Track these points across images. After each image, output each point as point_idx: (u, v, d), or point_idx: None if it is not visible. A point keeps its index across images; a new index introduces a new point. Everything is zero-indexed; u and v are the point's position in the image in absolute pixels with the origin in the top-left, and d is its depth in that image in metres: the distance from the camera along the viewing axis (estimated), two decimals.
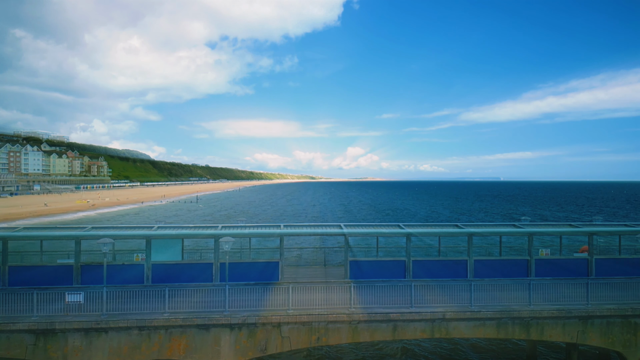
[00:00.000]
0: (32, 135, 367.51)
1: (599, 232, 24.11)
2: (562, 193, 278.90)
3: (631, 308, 19.11)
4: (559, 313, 18.85)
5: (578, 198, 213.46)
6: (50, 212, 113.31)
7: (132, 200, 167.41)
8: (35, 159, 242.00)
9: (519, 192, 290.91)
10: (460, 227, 24.32)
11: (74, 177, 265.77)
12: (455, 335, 18.99)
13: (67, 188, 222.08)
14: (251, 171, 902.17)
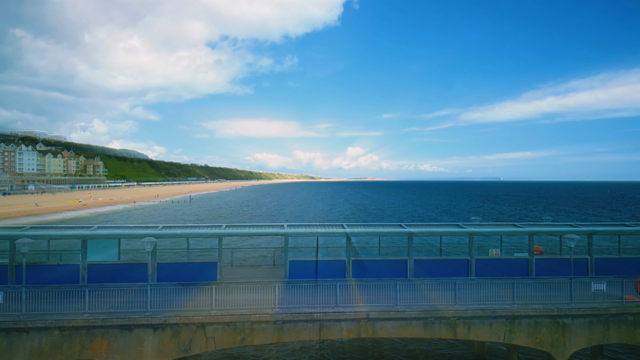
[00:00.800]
0: (29, 135, 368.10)
1: (538, 232, 24.27)
2: (554, 193, 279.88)
3: (557, 308, 19.26)
4: (484, 312, 19.00)
5: (568, 198, 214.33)
6: (39, 212, 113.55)
7: (125, 200, 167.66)
8: (29, 158, 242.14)
9: (506, 192, 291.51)
10: (403, 227, 24.49)
11: (69, 177, 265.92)
12: (381, 335, 19.15)
13: (62, 188, 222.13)
14: (250, 171, 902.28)
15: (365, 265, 23.14)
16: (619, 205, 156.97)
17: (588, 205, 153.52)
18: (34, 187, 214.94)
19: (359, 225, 25.49)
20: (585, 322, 19.59)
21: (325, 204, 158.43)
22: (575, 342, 19.58)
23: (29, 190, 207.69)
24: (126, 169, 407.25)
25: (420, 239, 26.09)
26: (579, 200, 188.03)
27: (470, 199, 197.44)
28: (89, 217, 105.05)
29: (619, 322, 19.68)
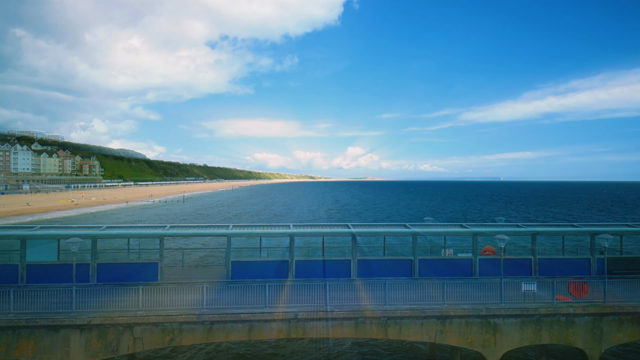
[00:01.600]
0: (26, 134, 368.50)
1: (480, 233, 24.42)
2: (542, 193, 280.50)
3: (486, 308, 19.39)
4: (413, 313, 19.14)
5: (553, 198, 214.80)
6: (30, 212, 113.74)
7: (118, 200, 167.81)
8: (25, 158, 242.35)
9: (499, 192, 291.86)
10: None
11: (64, 177, 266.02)
12: (312, 335, 19.28)
13: (57, 187, 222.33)
14: (249, 171, 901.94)
15: (313, 264, 23.44)
16: (606, 205, 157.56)
17: (577, 206, 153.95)
18: (29, 187, 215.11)
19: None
20: (517, 323, 19.73)
21: (312, 204, 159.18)
22: (506, 342, 19.71)
23: (24, 189, 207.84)
24: (123, 168, 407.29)
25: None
26: (569, 201, 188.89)
27: (452, 200, 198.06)
28: (64, 217, 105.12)
29: (551, 323, 19.81)
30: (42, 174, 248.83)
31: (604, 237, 20.80)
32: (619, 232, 26.18)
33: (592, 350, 19.91)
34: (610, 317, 19.97)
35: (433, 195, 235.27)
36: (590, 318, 19.92)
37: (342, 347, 24.31)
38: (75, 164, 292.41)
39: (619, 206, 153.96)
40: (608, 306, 19.69)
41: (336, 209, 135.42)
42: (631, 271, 23.87)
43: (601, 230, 23.21)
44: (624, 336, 20.11)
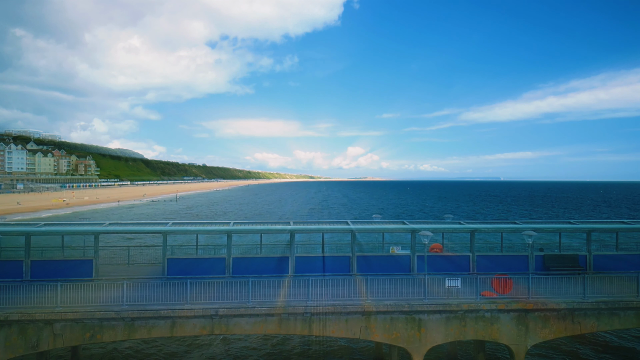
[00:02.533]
0: (23, 134, 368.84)
1: (417, 230, 24.53)
2: (530, 193, 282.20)
3: (408, 304, 19.47)
4: (335, 309, 19.22)
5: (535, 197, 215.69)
6: (19, 211, 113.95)
7: (111, 199, 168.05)
8: (19, 157, 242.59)
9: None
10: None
11: (60, 176, 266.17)
12: (236, 331, 19.38)
13: (51, 187, 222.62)
14: (248, 170, 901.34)
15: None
16: (577, 204, 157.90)
17: (560, 206, 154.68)
18: (23, 186, 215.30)
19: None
20: (442, 319, 19.81)
21: (298, 204, 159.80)
22: (431, 338, 19.79)
23: (18, 189, 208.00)
24: (121, 168, 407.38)
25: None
26: (553, 200, 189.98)
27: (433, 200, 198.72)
28: (71, 215, 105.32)
29: (476, 319, 19.90)
30: (36, 174, 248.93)
31: (528, 233, 20.89)
32: (614, 230, 26.26)
33: (518, 346, 20.00)
34: (536, 313, 20.06)
35: (420, 195, 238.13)
36: (515, 314, 20.00)
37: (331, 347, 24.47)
38: (71, 163, 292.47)
39: (592, 204, 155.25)
40: (531, 302, 19.79)
41: (319, 208, 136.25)
42: (569, 268, 23.97)
43: (527, 227, 23.26)
44: (549, 332, 20.19)
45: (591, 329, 20.39)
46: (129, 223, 26.94)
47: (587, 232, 24.83)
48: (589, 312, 20.21)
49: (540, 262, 24.55)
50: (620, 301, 19.98)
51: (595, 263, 24.65)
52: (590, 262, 24.60)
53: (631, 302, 20.00)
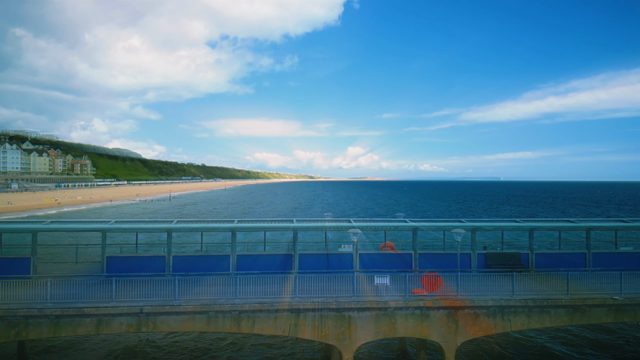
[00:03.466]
0: (21, 133, 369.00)
1: (365, 228, 24.61)
2: (517, 192, 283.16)
3: (336, 301, 19.48)
4: (262, 307, 19.22)
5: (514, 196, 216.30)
6: (8, 210, 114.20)
7: (104, 199, 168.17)
8: (14, 157, 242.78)
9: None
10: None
11: (55, 176, 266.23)
12: (164, 329, 19.39)
13: (46, 186, 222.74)
14: (248, 170, 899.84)
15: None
16: (549, 202, 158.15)
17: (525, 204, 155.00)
18: (18, 186, 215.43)
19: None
20: (372, 316, 19.83)
21: (283, 203, 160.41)
22: (361, 335, 19.81)
23: (12, 188, 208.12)
24: (118, 168, 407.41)
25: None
26: (534, 199, 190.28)
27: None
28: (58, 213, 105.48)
29: (406, 316, 19.93)
30: (31, 173, 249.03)
31: (457, 231, 20.91)
32: (557, 228, 26.29)
33: (448, 343, 20.02)
34: (466, 311, 20.09)
35: (408, 194, 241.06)
36: (445, 312, 20.03)
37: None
38: (67, 163, 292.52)
39: (570, 204, 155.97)
40: (459, 300, 19.81)
41: (302, 207, 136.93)
42: (510, 266, 23.97)
43: (461, 225, 23.27)
44: (479, 330, 20.23)
45: (521, 326, 20.42)
46: (75, 221, 27.01)
47: (529, 231, 24.86)
48: (519, 310, 20.24)
49: (483, 260, 24.57)
50: (549, 299, 20.01)
51: (538, 261, 24.65)
52: (532, 261, 24.61)
53: (560, 300, 20.02)
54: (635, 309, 20.35)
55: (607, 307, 20.27)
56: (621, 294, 20.23)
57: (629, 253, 25.26)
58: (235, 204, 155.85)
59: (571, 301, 20.02)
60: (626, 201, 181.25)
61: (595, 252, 24.88)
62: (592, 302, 20.03)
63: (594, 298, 20.05)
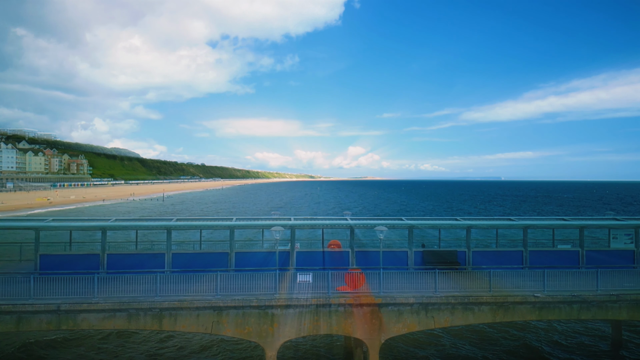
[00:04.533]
0: (18, 133, 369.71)
1: (299, 226, 24.70)
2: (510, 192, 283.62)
3: (257, 299, 19.52)
4: (181, 304, 19.20)
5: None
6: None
7: (98, 198, 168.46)
8: (9, 156, 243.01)
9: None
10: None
11: (51, 175, 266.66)
12: (84, 326, 19.36)
13: (42, 186, 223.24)
14: (247, 170, 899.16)
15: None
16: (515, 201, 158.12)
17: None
18: (13, 185, 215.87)
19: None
20: (295, 313, 19.84)
21: (270, 203, 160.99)
22: (284, 332, 19.81)
23: (7, 188, 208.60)
24: (115, 167, 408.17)
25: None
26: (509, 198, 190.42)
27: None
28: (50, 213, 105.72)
29: (329, 313, 19.94)
30: (27, 173, 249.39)
31: (380, 229, 20.94)
32: (494, 226, 26.49)
33: (372, 340, 20.02)
34: (389, 308, 20.11)
35: (399, 193, 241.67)
36: (369, 309, 20.03)
37: None
38: (63, 162, 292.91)
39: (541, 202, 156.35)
40: (380, 297, 19.84)
41: (287, 206, 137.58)
42: (447, 263, 23.98)
43: (381, 223, 23.27)
44: (403, 327, 20.25)
45: (445, 323, 20.44)
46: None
47: (466, 229, 24.88)
48: (443, 307, 20.26)
49: (420, 257, 24.60)
50: (470, 296, 20.03)
51: (475, 259, 24.67)
52: (469, 258, 24.63)
53: (482, 297, 20.05)
54: (560, 307, 20.36)
55: (531, 304, 20.27)
56: (544, 291, 20.25)
57: (566, 251, 25.28)
58: (217, 203, 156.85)
59: (493, 298, 20.04)
60: (618, 200, 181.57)
61: (532, 250, 24.90)
62: (513, 299, 20.05)
63: (515, 295, 20.07)
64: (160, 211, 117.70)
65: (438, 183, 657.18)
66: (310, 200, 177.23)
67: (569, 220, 26.02)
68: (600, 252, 25.16)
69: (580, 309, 20.39)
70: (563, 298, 20.10)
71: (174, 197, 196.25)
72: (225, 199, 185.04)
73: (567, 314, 20.46)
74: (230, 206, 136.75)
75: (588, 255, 24.92)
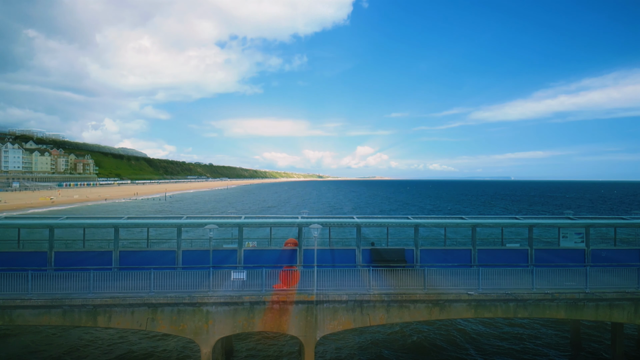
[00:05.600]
0: (26, 133, 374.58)
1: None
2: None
3: (189, 296, 19.56)
4: (114, 301, 19.37)
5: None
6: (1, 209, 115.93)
7: (101, 198, 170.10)
8: (15, 156, 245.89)
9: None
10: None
11: (57, 175, 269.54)
12: (19, 322, 19.50)
13: (47, 185, 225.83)
14: (255, 170, 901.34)
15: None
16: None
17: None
18: (19, 185, 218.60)
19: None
20: (229, 310, 19.90)
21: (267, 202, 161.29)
22: (219, 329, 19.88)
23: (13, 187, 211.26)
24: (122, 167, 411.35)
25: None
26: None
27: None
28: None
29: (264, 310, 19.97)
30: (33, 172, 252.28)
31: (314, 227, 20.95)
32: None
33: (307, 337, 20.00)
34: (324, 305, 20.09)
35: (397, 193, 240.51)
36: (304, 306, 20.04)
37: None
38: (69, 162, 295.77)
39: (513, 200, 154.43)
40: (313, 294, 19.83)
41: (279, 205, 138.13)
42: (394, 262, 23.91)
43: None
44: (338, 324, 20.20)
45: (381, 321, 20.36)
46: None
47: (414, 227, 24.78)
48: (378, 305, 20.19)
49: (368, 255, 24.56)
50: (404, 294, 19.96)
51: (423, 257, 24.57)
52: (417, 257, 24.54)
53: (415, 294, 19.97)
54: (496, 305, 20.21)
55: (466, 302, 20.14)
56: (479, 289, 20.12)
57: (515, 250, 25.08)
58: (212, 202, 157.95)
59: (426, 296, 19.96)
60: (622, 199, 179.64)
61: (481, 249, 24.75)
62: (447, 297, 19.94)
63: (448, 293, 19.96)
64: (157, 209, 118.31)
65: (445, 183, 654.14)
66: (311, 200, 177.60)
67: (519, 219, 25.80)
68: (549, 251, 24.95)
69: (517, 308, 20.22)
70: (497, 296, 19.95)
71: (177, 196, 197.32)
72: (223, 198, 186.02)
73: (503, 312, 20.31)
74: (224, 205, 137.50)
75: (537, 254, 24.70)
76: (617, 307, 20.21)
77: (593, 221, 25.31)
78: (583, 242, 24.85)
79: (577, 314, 20.32)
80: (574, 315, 20.38)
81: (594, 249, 25.14)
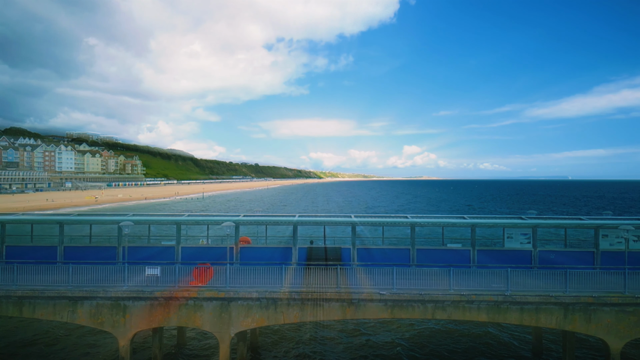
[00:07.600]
0: (82, 136, 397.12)
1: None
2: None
3: (103, 290, 19.96)
4: (33, 293, 20.07)
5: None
6: (45, 207, 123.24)
7: (141, 197, 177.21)
8: (68, 158, 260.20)
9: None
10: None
11: (107, 175, 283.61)
12: None
13: (97, 185, 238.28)
14: (299, 170, 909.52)
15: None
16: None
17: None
18: (71, 185, 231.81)
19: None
20: (146, 305, 20.16)
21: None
22: (135, 323, 20.20)
23: (66, 187, 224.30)
24: (170, 167, 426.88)
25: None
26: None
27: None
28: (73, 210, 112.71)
29: (179, 306, 20.09)
30: (85, 173, 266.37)
31: (227, 224, 20.81)
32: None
33: (221, 334, 19.92)
34: (239, 302, 19.96)
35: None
36: (218, 303, 19.98)
37: None
38: (119, 163, 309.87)
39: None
40: (223, 291, 19.75)
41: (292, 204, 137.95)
42: (331, 260, 23.43)
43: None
44: (252, 321, 20.01)
45: (294, 319, 19.97)
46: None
47: (351, 225, 24.13)
48: (292, 303, 19.83)
49: (305, 254, 24.18)
50: (314, 292, 19.50)
51: (360, 256, 23.89)
52: (354, 255, 23.88)
53: (326, 293, 19.45)
54: (414, 306, 19.34)
55: (382, 302, 19.40)
56: (393, 289, 19.33)
57: (457, 250, 23.88)
58: (231, 200, 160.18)
59: (338, 295, 19.40)
60: None
61: (420, 249, 23.75)
62: (358, 296, 19.30)
63: (360, 293, 19.29)
64: (174, 209, 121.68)
65: (496, 183, 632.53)
66: (308, 200, 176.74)
67: (465, 219, 24.51)
68: (492, 252, 23.58)
69: (435, 309, 19.25)
70: (411, 297, 19.10)
71: (214, 196, 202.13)
72: (255, 198, 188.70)
73: (420, 313, 19.38)
74: (243, 205, 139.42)
75: (480, 255, 23.42)
76: (545, 312, 18.84)
77: (540, 221, 23.68)
78: (530, 243, 23.32)
79: (500, 317, 19.10)
80: (497, 318, 19.17)
81: (542, 250, 23.55)
